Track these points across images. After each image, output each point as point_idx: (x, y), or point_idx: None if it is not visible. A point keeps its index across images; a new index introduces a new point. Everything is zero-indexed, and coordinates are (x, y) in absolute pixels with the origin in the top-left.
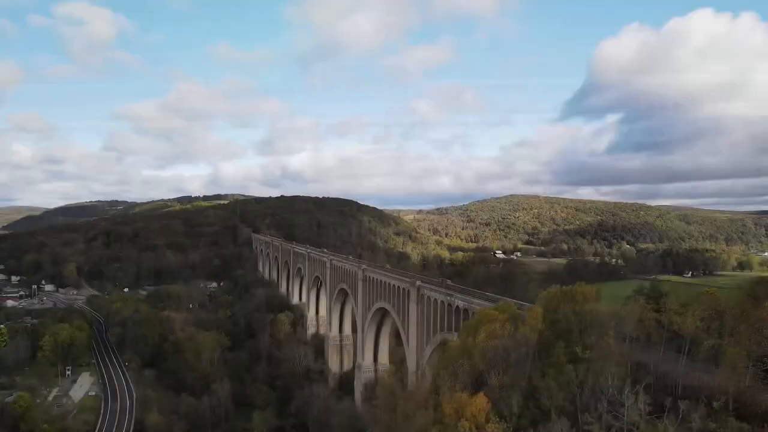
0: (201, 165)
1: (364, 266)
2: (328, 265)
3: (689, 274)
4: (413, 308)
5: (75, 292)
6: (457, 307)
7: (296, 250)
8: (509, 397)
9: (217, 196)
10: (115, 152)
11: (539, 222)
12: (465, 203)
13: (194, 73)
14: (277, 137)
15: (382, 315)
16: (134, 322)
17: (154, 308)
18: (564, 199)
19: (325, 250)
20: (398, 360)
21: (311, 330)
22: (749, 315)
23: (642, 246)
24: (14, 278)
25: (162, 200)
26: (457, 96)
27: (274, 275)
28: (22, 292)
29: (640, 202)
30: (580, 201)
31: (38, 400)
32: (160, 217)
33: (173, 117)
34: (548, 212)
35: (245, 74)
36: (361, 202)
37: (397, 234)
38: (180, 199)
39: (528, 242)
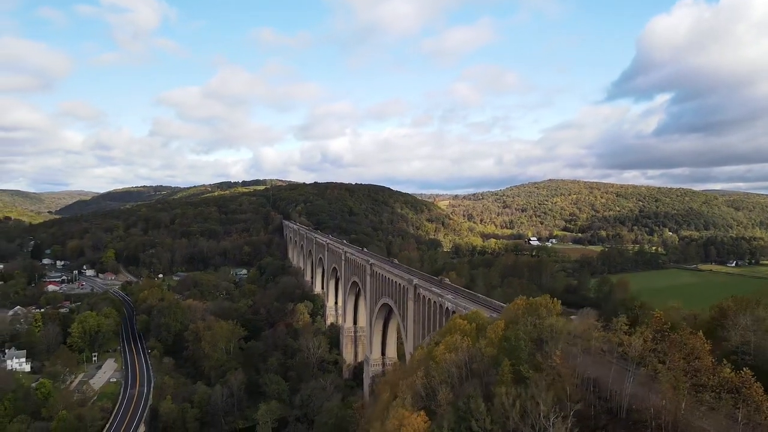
0: (242, 150)
1: (372, 261)
2: (343, 257)
3: (733, 264)
4: (411, 306)
5: (113, 278)
6: (447, 308)
7: (318, 239)
8: (442, 417)
9: (256, 182)
10: (160, 138)
11: (577, 208)
12: (502, 188)
13: (236, 58)
14: (317, 121)
15: (389, 310)
16: (158, 310)
17: (180, 296)
18: (605, 184)
19: (344, 241)
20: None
21: (330, 320)
22: (686, 343)
23: (685, 233)
24: (59, 263)
25: (203, 185)
26: (497, 78)
27: (301, 263)
28: (64, 277)
29: (686, 186)
30: (621, 186)
31: (63, 386)
32: (197, 203)
33: (215, 103)
34: (587, 198)
35: (286, 59)
36: (395, 188)
37: (430, 220)
38: (220, 185)
39: (565, 229)
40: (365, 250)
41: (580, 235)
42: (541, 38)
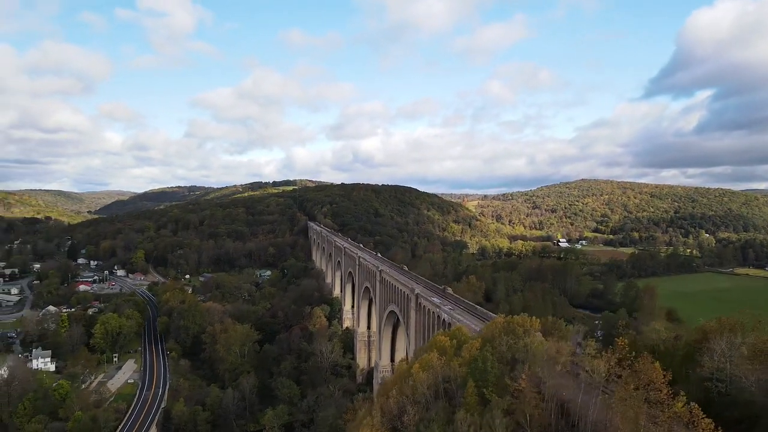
0: (275, 150)
1: (381, 267)
2: (357, 261)
3: None
4: (413, 315)
5: (142, 278)
6: (444, 320)
7: (337, 242)
8: None
9: (286, 182)
10: (195, 139)
11: (609, 208)
12: (533, 188)
13: (268, 60)
14: (348, 121)
15: (397, 317)
16: (178, 312)
17: (203, 297)
18: (639, 184)
19: (361, 245)
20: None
21: (346, 324)
22: (644, 372)
23: (723, 235)
24: (93, 263)
25: (234, 186)
26: (531, 76)
27: (323, 265)
28: (96, 277)
29: (728, 186)
30: (656, 186)
31: (83, 387)
32: (225, 205)
33: (249, 103)
34: (620, 198)
35: (317, 59)
36: (426, 188)
37: (456, 222)
38: (251, 185)
39: (596, 230)
40: (379, 255)
41: (611, 236)
42: (577, 34)
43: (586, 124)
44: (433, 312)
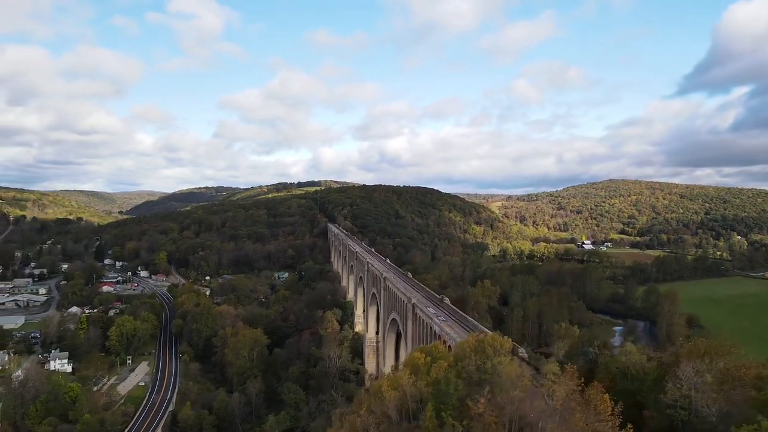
0: (302, 150)
1: (385, 275)
2: (366, 267)
3: None
4: (410, 325)
5: (164, 279)
6: (435, 332)
7: (350, 246)
8: None
9: (310, 183)
10: (223, 140)
11: (637, 209)
12: (559, 188)
13: (294, 61)
14: (374, 121)
15: (398, 324)
16: (192, 316)
17: (218, 300)
18: (668, 184)
19: (373, 250)
20: None
21: (358, 328)
22: (594, 401)
23: (756, 238)
24: (118, 264)
25: (259, 187)
26: (559, 74)
27: (340, 268)
28: (120, 278)
29: (759, 187)
30: (686, 187)
31: (95, 389)
32: (248, 206)
33: (275, 105)
34: (648, 199)
35: (343, 60)
36: (449, 188)
37: (478, 223)
38: (276, 186)
39: (622, 232)
40: (388, 261)
41: (638, 238)
42: (607, 31)
43: (617, 122)
44: (427, 323)
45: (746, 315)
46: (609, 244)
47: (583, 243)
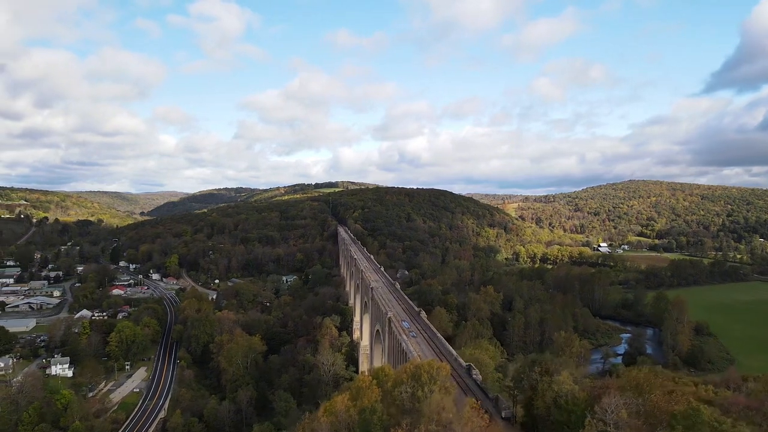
0: (322, 150)
1: (373, 285)
2: (361, 275)
3: None
4: (386, 338)
5: (174, 282)
6: (402, 348)
7: (352, 252)
8: None
9: (328, 184)
10: (244, 140)
11: (656, 211)
12: (577, 189)
13: (314, 61)
14: (394, 121)
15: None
16: (191, 321)
17: (224, 303)
18: (690, 185)
19: (372, 257)
20: None
21: (356, 335)
22: None
23: None
24: (132, 266)
25: (277, 188)
26: (581, 72)
27: (345, 273)
28: (131, 281)
29: None
30: (708, 188)
31: (90, 395)
32: (261, 209)
33: (295, 105)
34: (668, 200)
35: (362, 60)
36: (469, 188)
37: (491, 226)
38: (294, 187)
39: (640, 234)
40: (382, 269)
41: (656, 241)
42: (632, 27)
43: (641, 121)
44: (397, 338)
45: (761, 322)
46: (626, 246)
47: (599, 246)
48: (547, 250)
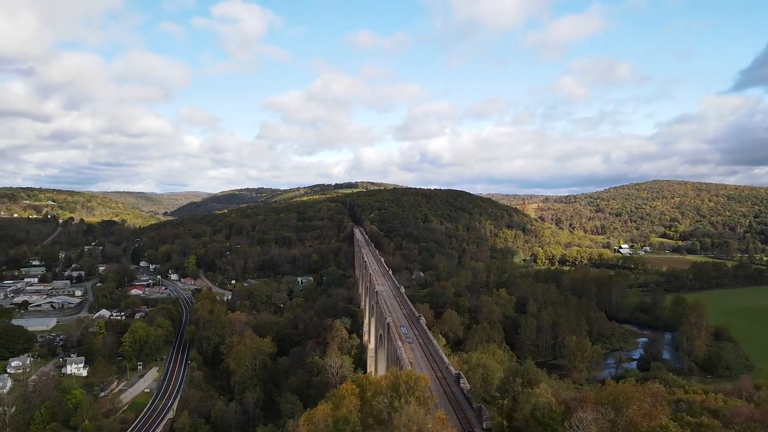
0: (344, 150)
1: (377, 288)
2: (369, 278)
3: None
4: (386, 343)
5: (192, 282)
6: (398, 356)
7: (364, 254)
8: None
9: (348, 185)
10: (266, 141)
11: (680, 212)
12: (599, 189)
13: (336, 62)
14: (415, 122)
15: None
16: (204, 322)
17: (234, 307)
18: (716, 185)
19: (382, 260)
20: None
21: (366, 337)
22: None
23: None
24: (152, 266)
25: (297, 188)
26: (607, 70)
27: (359, 274)
28: (150, 281)
29: None
30: (735, 188)
31: (102, 395)
32: (278, 209)
33: (317, 106)
34: (693, 201)
35: (384, 60)
36: (486, 191)
37: (510, 227)
38: (313, 188)
39: (663, 235)
40: (390, 272)
41: (679, 243)
42: (659, 24)
43: (669, 119)
44: (394, 344)
45: None
46: (647, 248)
47: (620, 247)
48: (566, 251)
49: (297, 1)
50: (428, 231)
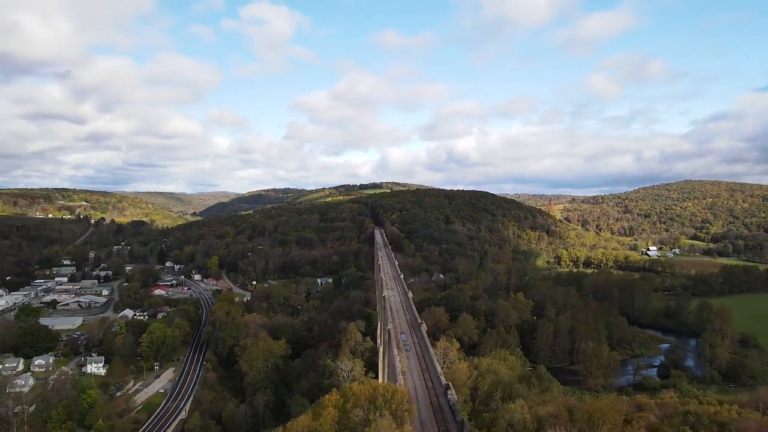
0: (370, 151)
1: (385, 294)
2: (382, 282)
3: None
4: (387, 350)
5: (214, 283)
6: (394, 365)
7: (380, 257)
8: None
9: (373, 185)
10: (294, 141)
11: (712, 213)
12: (628, 190)
13: (362, 62)
14: (442, 121)
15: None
16: (220, 324)
17: (252, 308)
18: (750, 185)
19: (396, 263)
20: None
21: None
22: None
23: None
24: (176, 267)
25: (323, 189)
26: (639, 67)
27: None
28: (174, 281)
29: None
30: None
31: (119, 395)
32: (301, 211)
33: (344, 106)
34: (726, 202)
35: (410, 60)
36: (513, 190)
37: (533, 228)
38: (338, 188)
39: (694, 237)
40: (402, 276)
41: (711, 245)
42: (693, 19)
43: (704, 117)
44: (392, 351)
45: None
46: (677, 250)
47: (648, 249)
48: (591, 253)
49: (324, 1)
50: (450, 232)
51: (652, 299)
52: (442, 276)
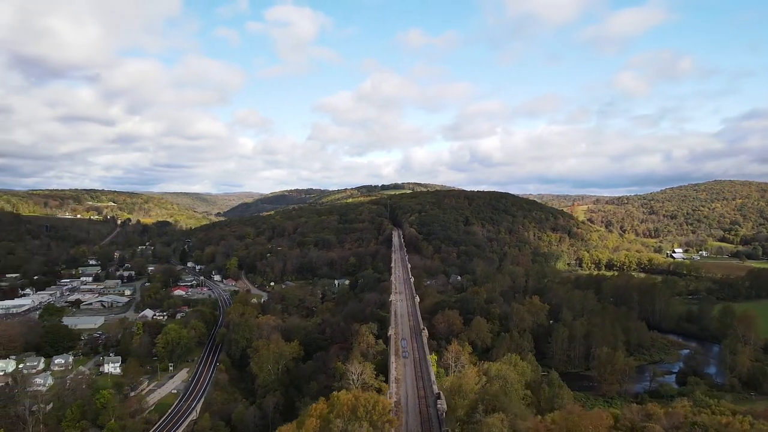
0: (394, 151)
1: (392, 298)
2: (393, 285)
3: None
4: (389, 357)
5: (233, 284)
6: (391, 372)
7: (394, 260)
8: None
9: (394, 186)
10: (317, 142)
11: (741, 215)
12: (655, 190)
13: (386, 62)
14: (466, 121)
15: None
16: (233, 325)
17: (267, 310)
18: None
19: (409, 267)
20: None
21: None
22: None
23: None
24: (197, 267)
25: (345, 190)
26: (669, 64)
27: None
28: (194, 281)
29: None
30: None
31: (132, 395)
32: (321, 212)
33: (367, 106)
34: (756, 203)
35: (434, 60)
36: (537, 190)
37: (554, 230)
38: (360, 189)
39: (722, 239)
40: (412, 280)
41: (739, 247)
42: (725, 15)
43: (737, 115)
44: (390, 358)
45: None
46: (703, 252)
47: (673, 252)
48: (613, 255)
49: (347, 2)
50: (468, 234)
51: (674, 303)
52: (459, 278)
